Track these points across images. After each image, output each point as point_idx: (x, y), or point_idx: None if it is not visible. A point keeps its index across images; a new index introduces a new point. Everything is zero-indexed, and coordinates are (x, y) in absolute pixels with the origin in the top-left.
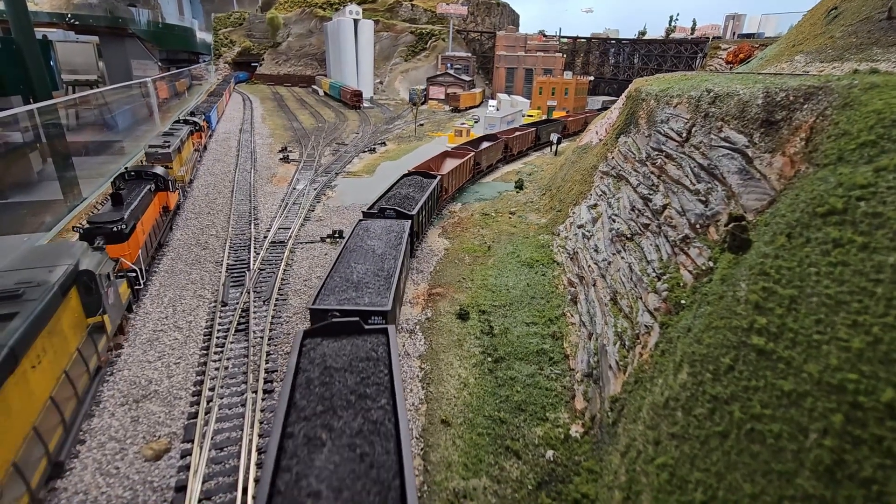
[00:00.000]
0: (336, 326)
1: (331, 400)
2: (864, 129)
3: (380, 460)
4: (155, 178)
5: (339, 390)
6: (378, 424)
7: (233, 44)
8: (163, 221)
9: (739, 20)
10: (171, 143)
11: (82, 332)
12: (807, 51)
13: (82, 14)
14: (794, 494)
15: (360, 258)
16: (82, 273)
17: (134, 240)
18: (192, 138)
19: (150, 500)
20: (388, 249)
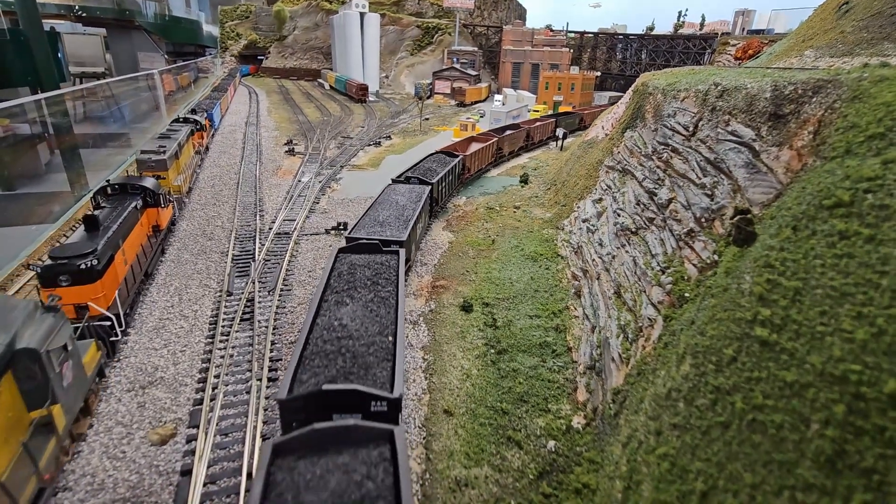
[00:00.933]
0: (361, 246)
1: (353, 283)
2: (872, 122)
3: (383, 314)
4: (143, 193)
5: (359, 278)
6: (384, 298)
7: (239, 37)
8: (152, 245)
9: (749, 16)
10: (168, 148)
11: (21, 435)
12: (817, 46)
13: (90, 6)
14: (794, 484)
15: (387, 208)
16: (21, 354)
17: (110, 276)
18: (192, 140)
19: (157, 484)
20: (409, 204)
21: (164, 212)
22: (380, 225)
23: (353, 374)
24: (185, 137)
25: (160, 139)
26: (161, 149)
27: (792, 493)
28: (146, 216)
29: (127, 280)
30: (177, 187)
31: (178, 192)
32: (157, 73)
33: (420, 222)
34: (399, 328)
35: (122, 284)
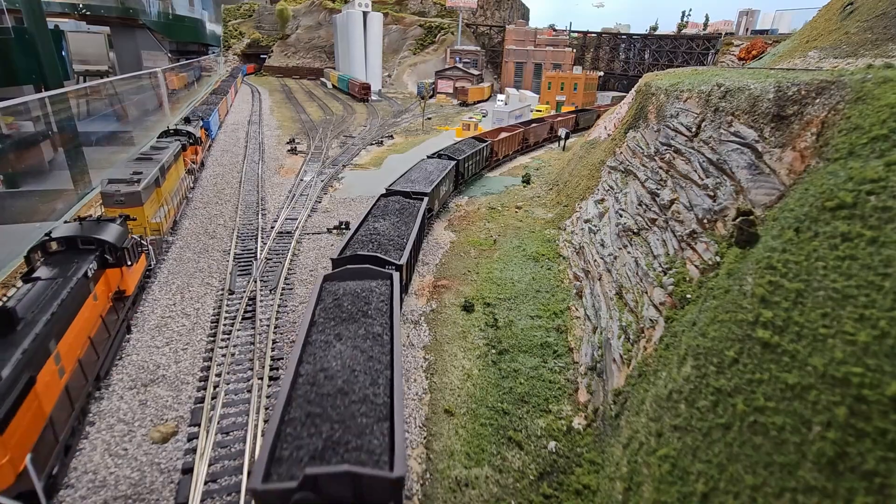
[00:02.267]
0: (398, 194)
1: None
2: (876, 124)
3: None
4: (100, 250)
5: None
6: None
7: (242, 35)
8: (110, 327)
9: (753, 16)
10: (144, 175)
11: None
12: (821, 47)
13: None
14: (795, 486)
15: (417, 173)
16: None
17: (20, 428)
18: (182, 158)
19: (158, 482)
20: (436, 171)
21: (133, 270)
22: (411, 182)
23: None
24: (173, 156)
25: (137, 162)
26: (135, 176)
27: (793, 495)
28: (104, 282)
29: (55, 420)
30: (155, 225)
31: (157, 231)
32: (161, 72)
33: (443, 185)
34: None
35: (48, 425)
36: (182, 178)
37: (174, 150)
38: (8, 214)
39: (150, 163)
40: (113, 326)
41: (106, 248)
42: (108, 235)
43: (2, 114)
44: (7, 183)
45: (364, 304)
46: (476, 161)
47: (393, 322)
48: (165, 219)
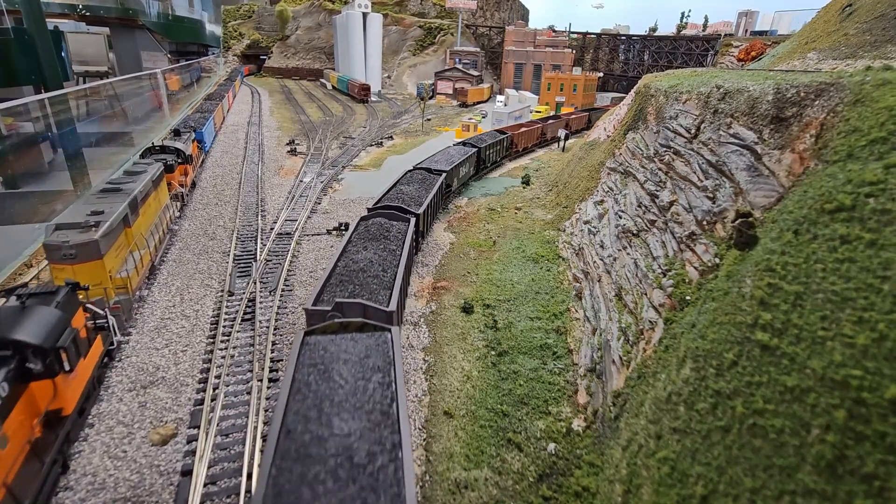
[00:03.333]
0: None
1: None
2: (875, 126)
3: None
4: (17, 357)
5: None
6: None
7: (242, 36)
8: (27, 477)
9: (752, 17)
10: (106, 216)
11: None
12: (820, 48)
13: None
14: (794, 489)
15: (442, 156)
16: None
17: None
18: (165, 181)
19: (157, 484)
20: (458, 155)
21: (75, 376)
22: (435, 162)
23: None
24: (151, 183)
25: (101, 196)
26: (93, 219)
27: (792, 498)
28: (23, 407)
29: None
30: (121, 282)
31: (123, 289)
32: (160, 73)
33: (464, 167)
34: None
35: None
36: (165, 208)
37: (154, 175)
38: (7, 215)
39: (118, 196)
40: (34, 476)
41: (27, 355)
42: (32, 332)
43: (1, 115)
44: (6, 184)
45: (386, 232)
46: (497, 150)
47: (404, 246)
48: (137, 269)
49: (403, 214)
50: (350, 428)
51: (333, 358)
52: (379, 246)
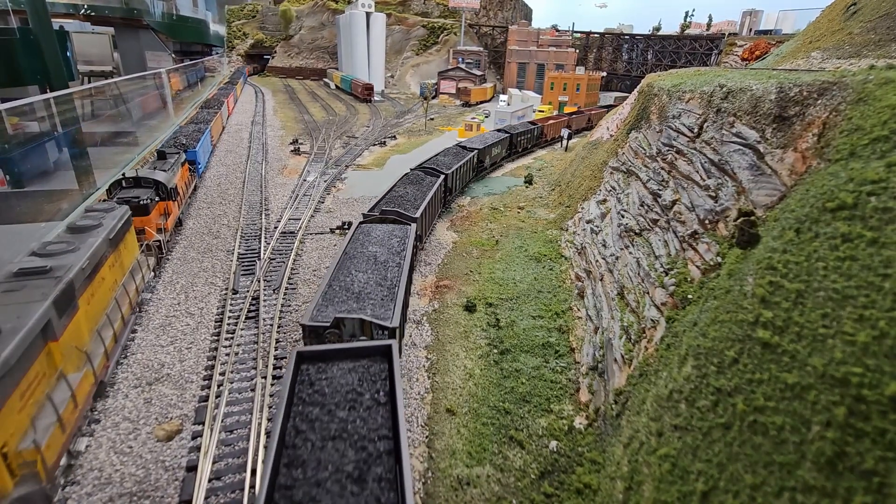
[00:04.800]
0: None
1: None
2: (877, 125)
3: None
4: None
5: None
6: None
7: (246, 36)
8: None
9: (756, 16)
10: (4, 341)
11: None
12: (824, 47)
13: (98, 5)
14: (794, 485)
15: (477, 140)
16: None
17: None
18: (132, 235)
19: (162, 479)
20: (494, 140)
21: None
22: (471, 142)
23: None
24: (105, 247)
25: (10, 285)
26: None
27: (792, 495)
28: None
29: None
30: (31, 456)
31: (29, 466)
32: (165, 72)
33: (495, 148)
34: None
35: None
36: (131, 273)
37: (112, 230)
38: (14, 214)
39: (39, 286)
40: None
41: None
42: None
43: (8, 114)
44: (12, 183)
45: (422, 182)
46: (528, 137)
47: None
48: (66, 417)
49: (436, 172)
50: None
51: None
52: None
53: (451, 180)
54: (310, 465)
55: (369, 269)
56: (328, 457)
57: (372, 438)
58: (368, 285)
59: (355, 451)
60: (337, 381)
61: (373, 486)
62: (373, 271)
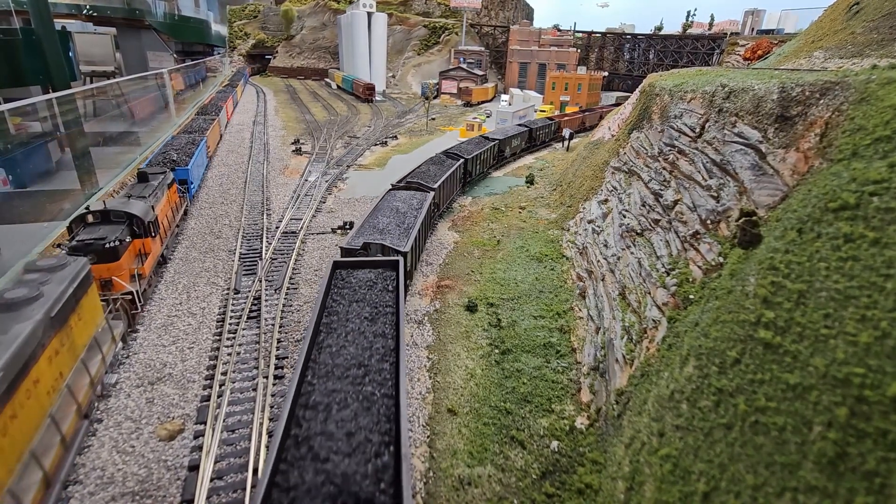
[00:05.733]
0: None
1: None
2: (879, 124)
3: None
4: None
5: None
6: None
7: (247, 36)
8: None
9: (758, 16)
10: None
11: None
12: (826, 47)
13: (100, 5)
14: (796, 486)
15: (498, 133)
16: None
17: None
18: (91, 294)
19: (165, 478)
20: (516, 133)
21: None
22: (493, 134)
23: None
24: (44, 329)
25: None
26: None
27: (794, 495)
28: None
29: None
30: None
31: None
32: (167, 73)
33: (516, 139)
34: None
35: None
36: (89, 352)
37: (55, 303)
38: (16, 214)
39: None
40: None
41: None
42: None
43: (10, 114)
44: (15, 182)
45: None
46: (546, 132)
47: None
48: None
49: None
50: None
51: None
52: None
53: (470, 164)
54: (341, 314)
55: (392, 217)
56: (353, 310)
57: (381, 303)
58: (390, 226)
59: (370, 308)
60: (360, 277)
61: (380, 323)
62: (394, 218)
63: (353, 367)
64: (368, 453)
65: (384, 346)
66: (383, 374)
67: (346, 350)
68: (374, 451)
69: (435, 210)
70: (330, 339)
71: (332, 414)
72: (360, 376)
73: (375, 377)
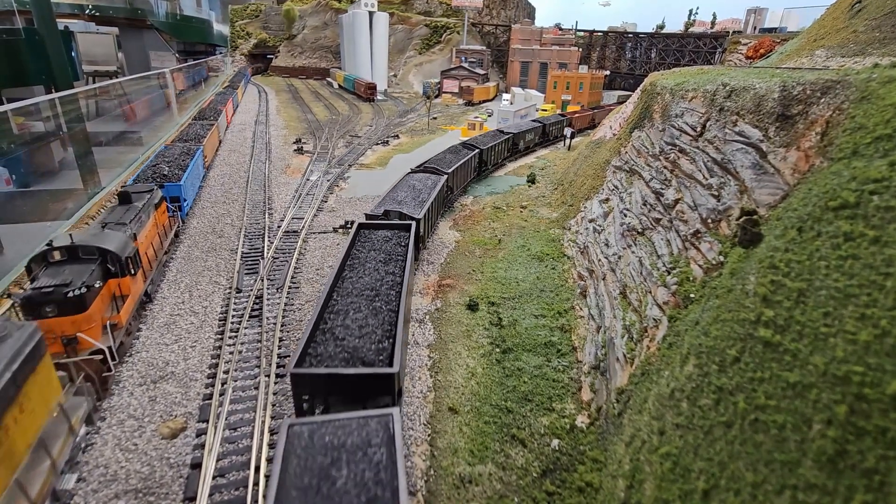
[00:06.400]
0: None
1: None
2: (880, 123)
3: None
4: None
5: None
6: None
7: (249, 35)
8: None
9: (761, 14)
10: None
11: None
12: (828, 45)
13: (102, 5)
14: (795, 483)
15: (514, 125)
16: None
17: None
18: (45, 369)
19: (167, 476)
20: (530, 128)
21: None
22: (508, 128)
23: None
24: None
25: None
26: None
27: (793, 493)
28: None
29: None
30: None
31: None
32: (169, 72)
33: (530, 134)
34: None
35: None
36: (40, 443)
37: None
38: (19, 213)
39: None
40: None
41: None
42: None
43: (13, 114)
44: (18, 182)
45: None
46: (559, 127)
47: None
48: None
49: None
50: None
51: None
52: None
53: (486, 154)
54: (362, 259)
55: (409, 192)
56: (371, 255)
57: (395, 253)
58: (407, 198)
59: (385, 255)
60: (379, 235)
61: (392, 265)
62: (411, 192)
63: (367, 290)
64: (373, 339)
65: (393, 280)
66: (390, 296)
67: (363, 280)
68: (377, 338)
69: (449, 192)
70: (351, 273)
71: (349, 315)
72: (372, 296)
73: (384, 298)
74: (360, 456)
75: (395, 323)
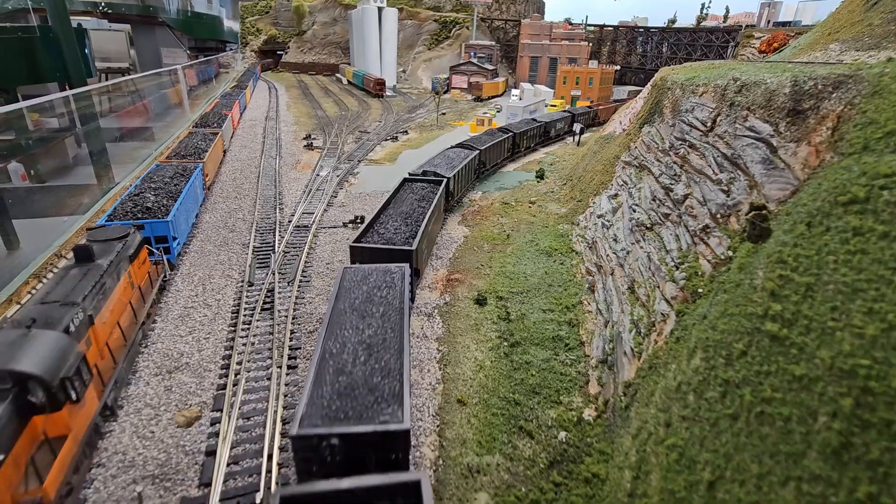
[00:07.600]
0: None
1: None
2: (891, 118)
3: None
4: None
5: None
6: None
7: (259, 32)
8: None
9: (775, 8)
10: None
11: None
12: (843, 39)
13: (115, 2)
14: (800, 475)
15: (545, 116)
16: None
17: None
18: None
19: (183, 463)
20: (560, 118)
21: None
22: (540, 117)
23: None
24: None
25: None
26: None
27: (798, 484)
28: None
29: None
30: None
31: None
32: (181, 69)
33: (560, 123)
34: None
35: None
36: None
37: None
38: (36, 208)
39: None
40: None
41: None
42: None
43: (29, 111)
44: (34, 178)
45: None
46: (587, 118)
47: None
48: None
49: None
50: None
51: None
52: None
53: (518, 138)
54: (402, 199)
55: (445, 160)
56: (409, 197)
57: (427, 197)
58: (442, 165)
59: (419, 197)
60: (417, 186)
61: (424, 202)
62: (446, 160)
63: (403, 214)
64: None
65: (421, 208)
66: (418, 218)
67: (402, 209)
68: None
69: (481, 166)
70: (392, 207)
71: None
72: (409, 221)
73: (414, 219)
74: None
75: (414, 235)
